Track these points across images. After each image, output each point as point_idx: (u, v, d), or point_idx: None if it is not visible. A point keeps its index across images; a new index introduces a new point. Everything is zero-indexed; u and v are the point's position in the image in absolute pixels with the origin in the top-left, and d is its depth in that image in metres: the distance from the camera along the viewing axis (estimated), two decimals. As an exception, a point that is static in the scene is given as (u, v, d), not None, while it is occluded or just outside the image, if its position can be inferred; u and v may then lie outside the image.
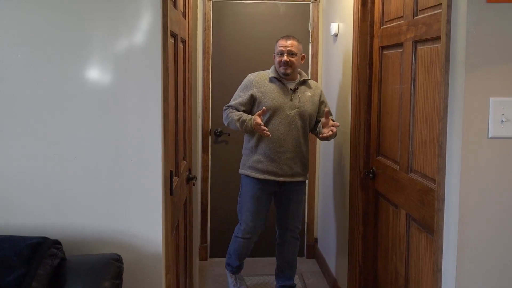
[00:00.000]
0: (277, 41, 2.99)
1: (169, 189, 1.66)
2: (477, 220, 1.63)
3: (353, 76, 2.81)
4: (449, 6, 1.67)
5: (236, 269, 3.22)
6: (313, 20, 3.79)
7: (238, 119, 2.84)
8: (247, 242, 3.06)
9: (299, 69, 3.01)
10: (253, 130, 2.79)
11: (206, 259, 3.88)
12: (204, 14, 3.64)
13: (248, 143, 3.01)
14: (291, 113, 2.90)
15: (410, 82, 2.15)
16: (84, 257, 1.44)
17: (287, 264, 3.17)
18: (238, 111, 2.91)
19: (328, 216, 3.69)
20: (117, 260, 1.43)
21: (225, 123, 2.98)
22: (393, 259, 2.42)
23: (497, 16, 1.60)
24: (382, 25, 2.53)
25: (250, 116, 2.84)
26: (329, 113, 2.85)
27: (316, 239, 4.06)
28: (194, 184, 2.62)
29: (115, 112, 1.52)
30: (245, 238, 3.04)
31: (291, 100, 2.91)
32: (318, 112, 3.01)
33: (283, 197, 3.04)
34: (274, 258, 3.28)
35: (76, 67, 1.50)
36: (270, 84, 2.94)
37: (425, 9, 2.01)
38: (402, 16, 2.24)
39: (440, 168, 1.72)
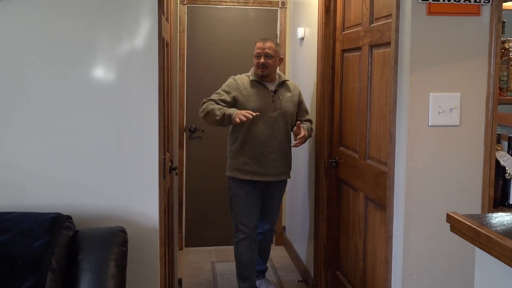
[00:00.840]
0: (255, 44, 3.01)
1: (163, 174, 1.92)
2: (420, 193, 1.97)
3: (317, 76, 3.07)
4: (397, 17, 1.99)
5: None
6: (280, 24, 4.03)
7: (220, 109, 2.82)
8: (249, 242, 3.02)
9: (278, 71, 3.11)
10: (230, 121, 2.78)
11: (181, 249, 4.09)
12: (179, 18, 3.86)
13: (232, 145, 3.02)
14: (274, 114, 2.93)
15: (367, 81, 2.46)
16: (94, 229, 1.68)
17: (262, 252, 3.28)
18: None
19: (295, 205, 3.95)
20: (122, 231, 1.67)
21: (201, 114, 2.92)
22: (353, 236, 2.73)
23: (436, 26, 1.94)
24: (343, 31, 2.83)
25: (231, 110, 2.82)
26: (300, 125, 2.93)
27: (284, 227, 4.31)
28: (176, 174, 2.83)
29: (118, 106, 1.76)
30: (245, 238, 3.01)
31: (272, 101, 2.95)
32: (298, 112, 3.10)
33: (267, 194, 3.08)
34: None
35: (84, 67, 1.72)
36: (252, 87, 2.96)
37: (379, 18, 2.32)
38: (360, 24, 2.55)
39: (391, 152, 2.06)
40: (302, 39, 3.55)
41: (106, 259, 1.57)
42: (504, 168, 1.91)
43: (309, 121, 3.16)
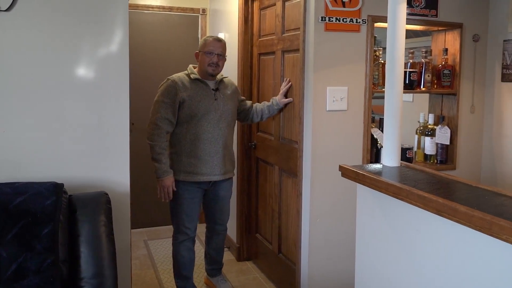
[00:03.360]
0: (205, 40, 2.90)
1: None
2: (321, 160, 2.69)
3: (238, 75, 3.59)
4: (304, 31, 2.67)
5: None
6: (201, 29, 4.46)
7: (157, 155, 2.75)
8: (189, 243, 2.98)
9: None
10: (161, 175, 2.76)
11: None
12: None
13: (175, 147, 2.88)
14: (218, 113, 2.85)
15: (280, 78, 3.09)
16: (84, 193, 2.13)
17: (216, 252, 3.20)
18: (170, 122, 2.79)
19: None
20: (106, 194, 2.15)
21: (148, 139, 2.80)
22: (270, 202, 3.36)
23: (331, 39, 2.63)
24: (260, 38, 3.43)
25: (166, 168, 2.76)
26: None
27: None
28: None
29: (97, 98, 2.21)
30: (185, 240, 2.95)
31: (215, 99, 2.85)
32: (239, 103, 3.09)
33: (212, 194, 3.00)
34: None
35: (70, 67, 2.15)
36: (194, 86, 2.83)
37: (289, 30, 2.96)
38: (274, 33, 3.17)
39: (300, 132, 2.76)
40: None
41: (97, 213, 2.05)
42: (376, 140, 2.71)
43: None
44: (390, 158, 2.01)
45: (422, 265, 1.64)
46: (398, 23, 1.95)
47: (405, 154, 2.87)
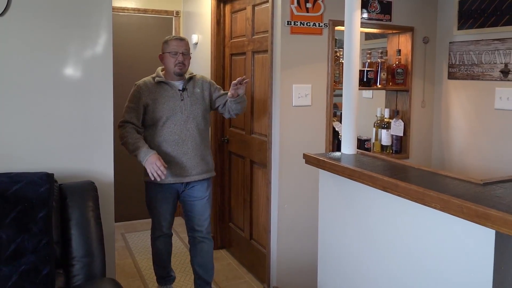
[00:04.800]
0: (167, 41, 2.86)
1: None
2: (288, 151, 2.93)
3: (211, 74, 3.78)
4: (272, 34, 2.91)
5: (164, 280, 3.13)
6: (175, 31, 4.61)
7: (133, 143, 2.71)
8: (165, 238, 3.02)
9: None
10: (144, 155, 2.67)
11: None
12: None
13: None
14: (184, 113, 2.81)
15: (251, 76, 3.33)
16: (73, 182, 2.32)
17: (203, 269, 2.98)
18: (135, 125, 2.78)
19: None
20: (93, 183, 2.35)
21: (122, 141, 2.77)
22: (242, 192, 3.59)
23: (296, 41, 2.87)
24: (231, 39, 3.65)
25: (146, 149, 2.68)
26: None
27: None
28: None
29: (84, 95, 2.40)
30: (161, 235, 2.99)
31: (182, 100, 2.81)
32: (217, 99, 2.95)
33: (187, 195, 2.92)
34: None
35: (59, 67, 2.32)
36: (158, 89, 2.81)
37: (259, 32, 3.21)
38: (244, 35, 3.41)
39: (269, 126, 3.01)
40: (196, 44, 4.20)
41: (86, 199, 2.25)
42: (337, 132, 2.99)
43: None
44: (347, 146, 2.29)
45: (374, 235, 1.93)
46: (353, 27, 2.23)
47: (364, 145, 3.18)
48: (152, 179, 2.70)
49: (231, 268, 3.67)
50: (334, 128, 2.99)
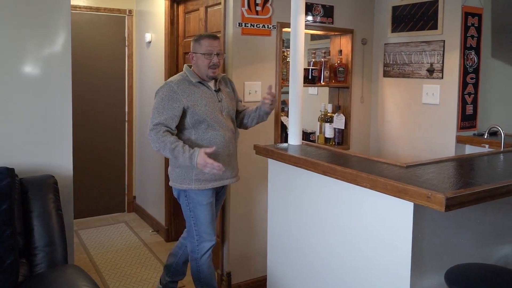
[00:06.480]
0: (199, 40, 2.59)
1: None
2: (241, 144, 3.09)
3: (165, 72, 3.89)
4: (224, 34, 3.07)
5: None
6: (128, 29, 4.66)
7: (178, 153, 2.42)
8: (211, 252, 2.70)
9: None
10: (191, 162, 2.41)
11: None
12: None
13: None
14: (224, 114, 2.62)
15: None
16: (33, 176, 2.40)
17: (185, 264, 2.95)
18: (171, 128, 2.50)
19: (144, 176, 4.66)
20: (53, 176, 2.45)
21: (154, 147, 2.49)
22: None
23: (247, 41, 3.03)
24: (185, 38, 3.79)
25: (191, 151, 2.42)
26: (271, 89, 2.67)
27: (134, 197, 5.00)
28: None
29: (43, 91, 2.48)
30: (211, 246, 2.67)
31: (219, 101, 2.61)
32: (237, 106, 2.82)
33: (217, 200, 2.78)
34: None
35: (18, 65, 2.40)
36: (195, 90, 2.56)
37: (212, 32, 3.40)
38: None
39: (222, 120, 3.20)
40: (150, 42, 4.28)
41: (47, 192, 2.34)
42: (285, 126, 3.23)
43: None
44: (293, 138, 2.53)
45: (316, 215, 2.17)
46: (298, 29, 2.46)
47: (309, 137, 3.44)
48: (213, 173, 2.51)
49: (187, 258, 3.81)
50: (282, 123, 3.22)
